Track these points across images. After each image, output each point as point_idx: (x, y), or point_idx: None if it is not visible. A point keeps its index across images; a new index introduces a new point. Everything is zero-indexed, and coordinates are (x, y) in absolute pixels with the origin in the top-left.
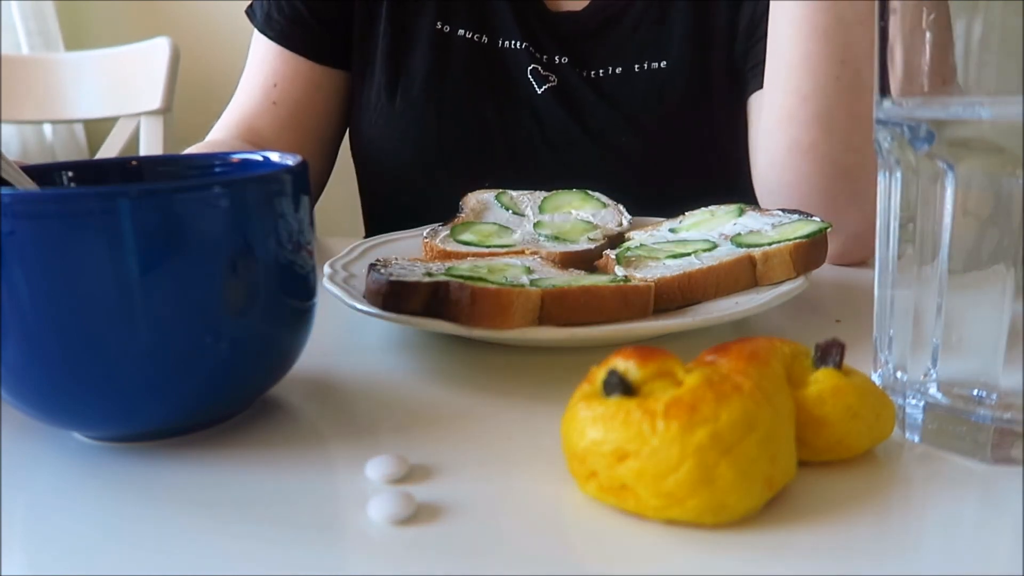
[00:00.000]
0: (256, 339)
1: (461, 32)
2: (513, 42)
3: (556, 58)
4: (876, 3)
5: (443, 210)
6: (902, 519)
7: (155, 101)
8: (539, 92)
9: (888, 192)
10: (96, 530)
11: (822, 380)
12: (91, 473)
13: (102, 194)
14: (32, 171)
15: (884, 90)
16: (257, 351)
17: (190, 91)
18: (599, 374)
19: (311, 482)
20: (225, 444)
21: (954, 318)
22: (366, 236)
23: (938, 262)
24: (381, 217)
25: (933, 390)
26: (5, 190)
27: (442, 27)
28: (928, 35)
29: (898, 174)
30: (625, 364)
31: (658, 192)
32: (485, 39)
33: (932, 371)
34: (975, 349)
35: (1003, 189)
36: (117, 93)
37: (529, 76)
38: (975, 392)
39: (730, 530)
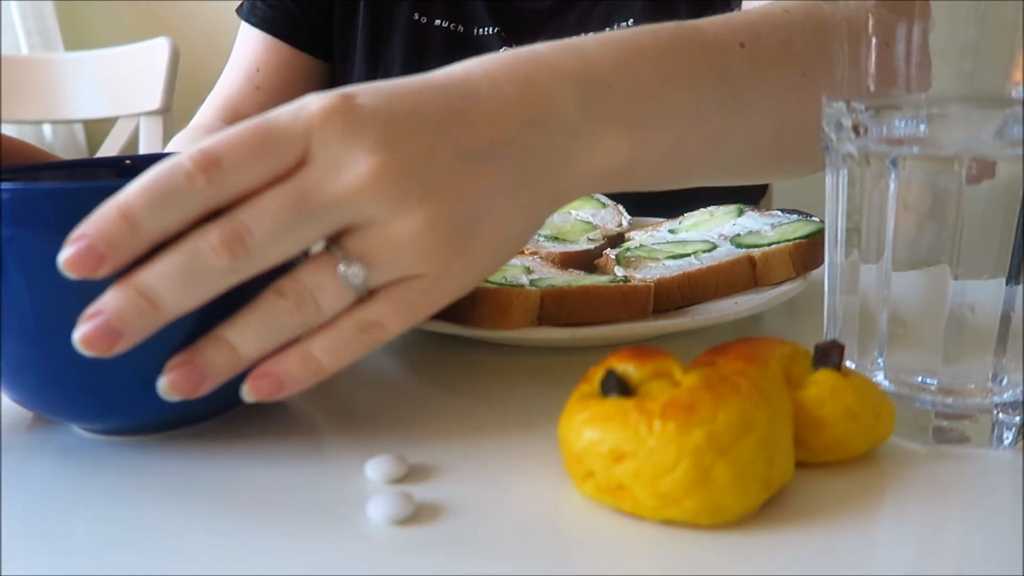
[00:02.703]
0: None
1: (437, 22)
2: (486, 29)
3: (529, 40)
4: (822, 3)
5: None
6: (900, 521)
7: (154, 101)
8: None
9: (836, 192)
10: (95, 529)
11: (821, 381)
12: (90, 474)
13: (98, 189)
14: (26, 171)
15: (830, 90)
16: None
17: (190, 91)
18: (597, 374)
19: (310, 482)
20: (224, 443)
21: (899, 310)
22: None
23: (884, 258)
24: None
25: (880, 377)
26: (4, 186)
27: (419, 18)
28: (873, 38)
29: (844, 171)
30: (623, 364)
31: None
32: (461, 28)
33: (879, 360)
34: (918, 339)
35: (940, 185)
36: (117, 93)
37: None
38: (919, 379)
39: (727, 531)
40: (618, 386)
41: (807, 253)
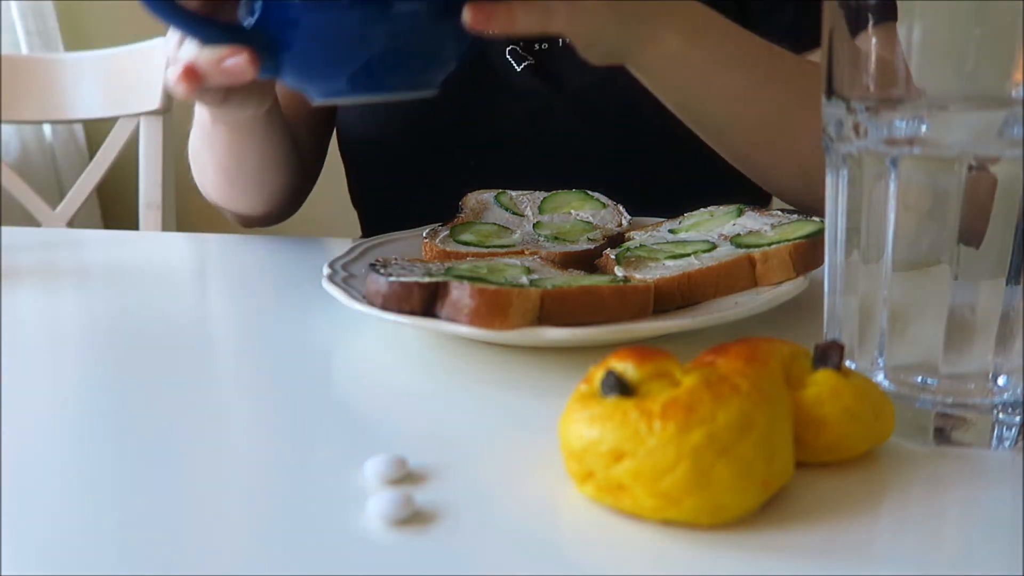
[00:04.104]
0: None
1: None
2: None
3: (536, 44)
4: (824, 3)
5: (433, 195)
6: (900, 521)
7: (154, 101)
8: (518, 70)
9: (836, 193)
10: (92, 522)
11: (821, 381)
12: (87, 472)
13: None
14: None
15: (830, 89)
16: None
17: None
18: (597, 374)
19: (309, 481)
20: (223, 442)
21: (898, 310)
22: (362, 234)
23: (884, 258)
24: (374, 212)
25: (880, 377)
26: None
27: None
28: (873, 37)
29: (844, 172)
30: (623, 364)
31: (641, 161)
32: None
33: (879, 360)
34: (918, 339)
35: (940, 185)
36: (117, 93)
37: (508, 56)
38: (919, 379)
39: (726, 531)
40: (618, 386)
41: (807, 253)
